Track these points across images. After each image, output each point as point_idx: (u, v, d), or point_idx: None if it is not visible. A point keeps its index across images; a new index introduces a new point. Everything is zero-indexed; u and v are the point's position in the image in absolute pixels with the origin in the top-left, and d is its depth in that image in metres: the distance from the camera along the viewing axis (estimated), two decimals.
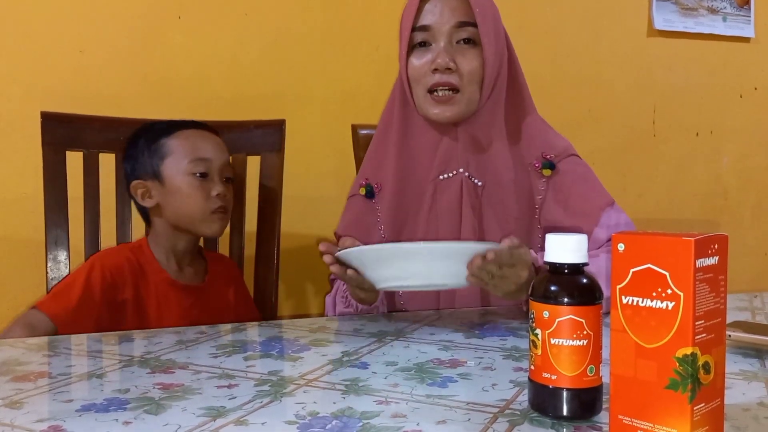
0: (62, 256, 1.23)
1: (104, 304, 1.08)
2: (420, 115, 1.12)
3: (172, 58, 1.56)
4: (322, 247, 0.92)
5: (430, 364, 0.75)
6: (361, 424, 0.57)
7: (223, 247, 1.35)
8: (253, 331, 0.94)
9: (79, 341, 0.91)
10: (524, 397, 0.62)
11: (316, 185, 1.51)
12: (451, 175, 1.11)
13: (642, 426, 0.50)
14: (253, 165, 1.37)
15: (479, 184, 1.10)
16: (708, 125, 2.02)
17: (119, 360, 0.78)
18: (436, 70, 1.05)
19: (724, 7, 1.98)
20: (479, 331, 0.90)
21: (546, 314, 0.56)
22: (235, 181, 1.26)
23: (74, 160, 1.25)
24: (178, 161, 1.16)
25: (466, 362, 0.76)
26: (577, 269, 0.58)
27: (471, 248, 0.85)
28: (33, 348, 0.85)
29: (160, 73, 1.55)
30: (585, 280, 0.57)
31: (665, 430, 0.49)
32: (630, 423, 0.51)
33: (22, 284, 1.46)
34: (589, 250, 1.00)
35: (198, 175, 1.16)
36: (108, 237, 1.25)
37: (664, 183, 2.00)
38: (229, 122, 1.39)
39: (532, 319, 0.58)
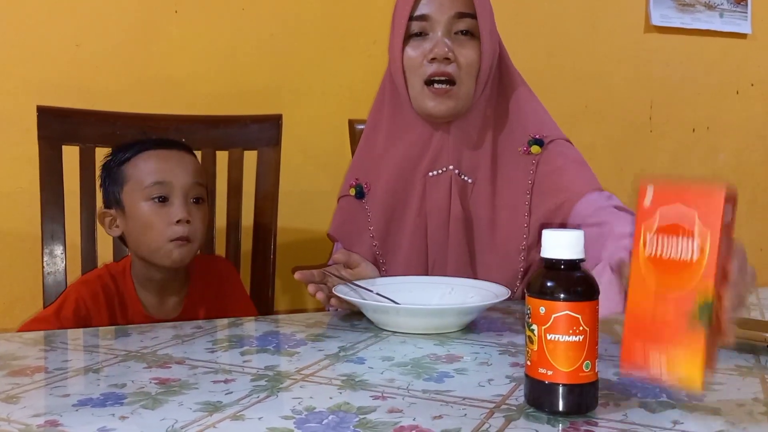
0: (58, 250, 1.23)
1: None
2: (411, 110, 1.10)
3: (168, 53, 1.56)
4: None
5: (427, 360, 0.75)
6: (357, 419, 0.57)
7: (220, 243, 1.35)
8: (250, 326, 0.94)
9: (76, 336, 0.91)
10: (520, 393, 0.63)
11: (312, 180, 1.51)
12: (440, 171, 1.10)
13: (657, 371, 0.52)
14: (250, 160, 1.36)
15: (469, 181, 1.10)
16: (705, 121, 2.02)
17: (116, 355, 0.78)
18: (434, 59, 1.03)
19: (721, 3, 1.98)
20: (475, 327, 0.90)
21: (542, 310, 0.57)
22: (207, 200, 1.15)
23: (70, 155, 1.25)
24: (136, 186, 1.08)
25: (463, 357, 0.76)
26: (573, 265, 0.58)
27: (473, 308, 0.89)
28: (29, 342, 0.85)
29: (157, 68, 1.55)
30: (581, 276, 0.57)
31: (682, 369, 0.51)
32: (643, 368, 0.53)
33: (18, 278, 1.46)
34: (569, 223, 1.00)
35: (158, 200, 1.07)
36: (104, 231, 1.24)
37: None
38: (225, 117, 1.38)
39: (528, 314, 0.58)
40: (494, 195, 1.10)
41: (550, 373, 0.56)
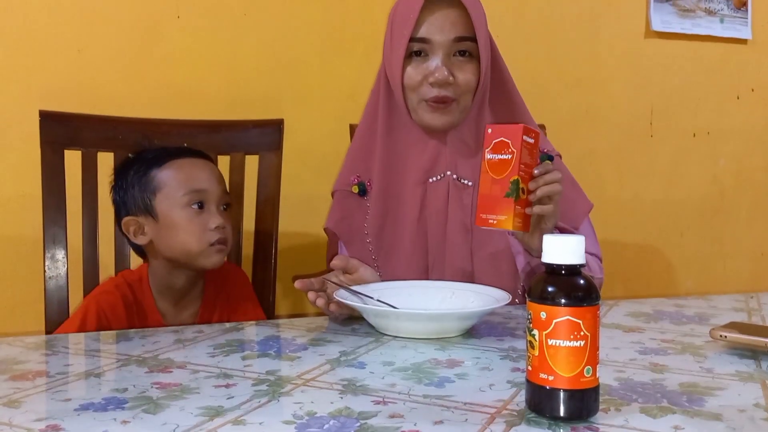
0: (60, 254, 1.23)
1: None
2: (408, 118, 1.12)
3: (170, 58, 1.56)
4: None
5: (428, 364, 0.75)
6: (358, 424, 0.57)
7: None
8: (251, 331, 0.94)
9: (77, 340, 0.91)
10: (521, 398, 0.63)
11: (314, 185, 1.51)
12: (439, 177, 1.13)
13: (491, 217, 0.92)
14: (252, 164, 1.37)
15: (469, 184, 1.12)
16: (705, 126, 2.02)
17: (117, 359, 0.78)
18: (434, 83, 1.06)
19: (722, 9, 1.98)
20: (476, 331, 0.90)
21: (543, 315, 0.57)
22: (232, 206, 1.21)
23: (72, 159, 1.25)
24: (172, 194, 1.10)
25: (464, 362, 0.76)
26: (574, 270, 0.58)
27: (474, 313, 0.89)
28: (31, 347, 0.85)
29: (159, 73, 1.55)
30: (582, 281, 0.58)
31: (501, 217, 0.91)
32: (485, 216, 0.93)
33: (19, 282, 1.46)
34: None
35: (195, 206, 1.10)
36: (106, 235, 1.25)
37: (660, 183, 2.00)
38: (227, 122, 1.39)
39: (529, 319, 0.58)
40: None
41: (551, 378, 0.56)
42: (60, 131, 1.25)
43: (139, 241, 1.13)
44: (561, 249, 0.58)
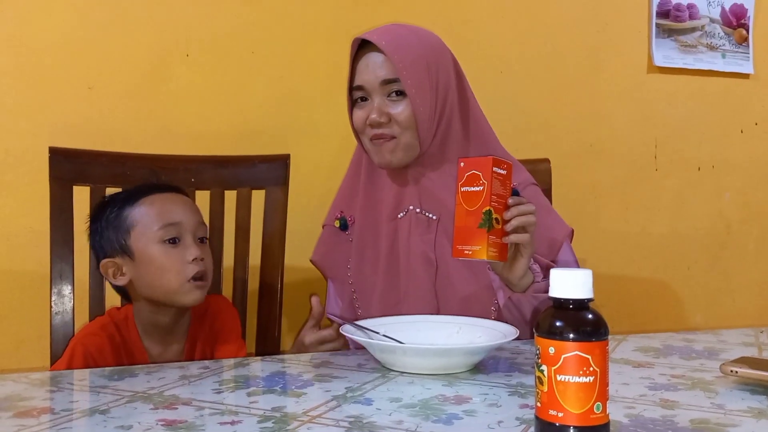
0: (66, 290, 1.23)
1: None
2: None
3: (179, 95, 1.58)
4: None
5: (435, 401, 0.74)
6: None
7: (227, 281, 1.35)
8: (257, 366, 0.94)
9: (82, 376, 0.90)
10: None
11: (319, 220, 1.51)
12: (404, 213, 1.19)
13: (466, 248, 0.95)
14: (258, 199, 1.37)
15: (433, 217, 1.17)
16: (709, 160, 2.03)
17: (122, 395, 0.78)
18: (371, 125, 1.14)
19: (723, 45, 2.00)
20: (484, 367, 0.89)
21: (552, 350, 0.56)
22: (209, 239, 1.18)
23: (80, 195, 1.26)
24: (146, 230, 1.08)
25: (471, 398, 0.75)
26: (582, 305, 0.58)
27: (481, 348, 0.89)
28: (36, 383, 0.84)
29: (167, 109, 1.57)
30: (591, 316, 0.57)
31: (476, 247, 0.95)
32: (461, 248, 0.96)
33: (25, 318, 1.46)
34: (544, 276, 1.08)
35: (169, 241, 1.08)
36: None
37: (666, 217, 2.00)
38: (234, 157, 1.40)
39: (537, 355, 0.58)
40: None
41: (560, 414, 0.56)
42: (69, 167, 1.27)
43: (118, 282, 1.11)
44: (568, 283, 0.58)
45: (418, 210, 1.18)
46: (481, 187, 0.94)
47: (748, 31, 2.02)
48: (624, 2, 1.94)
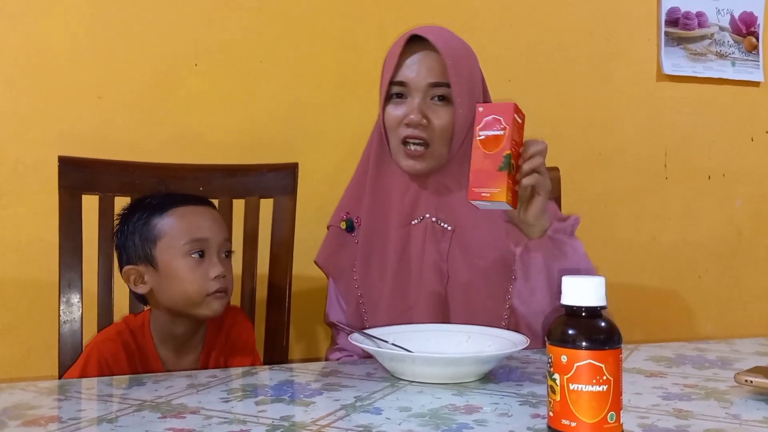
0: (75, 299, 1.23)
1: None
2: (392, 161, 1.17)
3: (187, 104, 1.59)
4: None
5: (445, 410, 0.73)
6: None
7: (235, 290, 1.34)
8: (265, 375, 0.93)
9: (90, 385, 0.90)
10: None
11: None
12: (419, 220, 1.16)
13: (483, 191, 0.95)
14: (266, 208, 1.37)
15: (448, 228, 1.15)
16: (720, 168, 2.01)
17: (130, 404, 0.77)
18: (408, 124, 1.11)
19: (733, 53, 2.00)
20: (494, 376, 0.88)
21: (564, 359, 0.56)
22: (233, 252, 1.17)
23: (89, 203, 1.26)
24: (173, 243, 1.09)
25: (482, 408, 0.74)
26: (595, 312, 0.57)
27: (491, 357, 0.88)
28: (44, 392, 0.84)
29: (176, 118, 1.58)
30: (603, 324, 0.57)
31: (495, 190, 0.94)
32: (477, 190, 0.95)
33: (34, 327, 1.46)
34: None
35: (195, 255, 1.09)
36: (121, 280, 1.24)
37: (676, 225, 1.98)
38: (242, 166, 1.40)
39: (549, 363, 0.57)
40: (476, 241, 1.14)
41: (573, 424, 0.55)
42: (78, 176, 1.27)
43: (139, 290, 1.12)
44: (581, 290, 0.57)
45: (434, 219, 1.15)
46: (502, 131, 0.94)
47: (757, 38, 2.02)
48: (633, 10, 1.93)
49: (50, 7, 1.50)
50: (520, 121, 0.97)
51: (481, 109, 0.97)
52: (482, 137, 0.96)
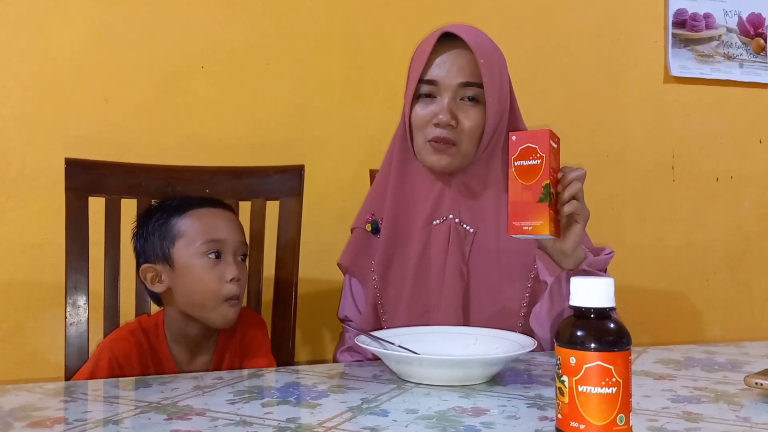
0: (81, 301, 1.23)
1: None
2: (416, 160, 1.15)
3: (194, 106, 1.59)
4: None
5: (452, 412, 0.73)
6: None
7: None
8: (271, 377, 0.93)
9: (96, 386, 0.90)
10: None
11: (334, 231, 1.51)
12: (441, 220, 1.13)
13: (525, 224, 0.91)
14: (272, 210, 1.37)
15: (471, 230, 1.12)
16: (728, 170, 2.00)
17: (136, 406, 0.77)
18: (437, 124, 1.08)
19: (741, 54, 1.99)
20: (501, 378, 0.88)
21: (573, 360, 0.55)
22: (249, 255, 1.19)
23: (96, 206, 1.26)
24: (190, 243, 1.10)
25: (489, 410, 0.74)
26: (604, 314, 0.57)
27: (498, 359, 0.87)
28: (50, 393, 0.84)
29: (183, 121, 1.58)
30: (612, 325, 0.56)
31: (537, 223, 0.91)
32: (518, 224, 0.92)
33: (41, 329, 1.46)
34: None
35: (212, 256, 1.10)
36: (127, 282, 1.25)
37: (684, 228, 1.97)
38: (248, 168, 1.40)
39: (558, 365, 0.57)
40: (497, 244, 1.12)
41: (582, 427, 0.54)
42: (85, 178, 1.27)
43: (155, 288, 1.12)
44: (590, 291, 0.57)
45: (457, 220, 1.12)
46: (539, 161, 0.90)
47: (765, 40, 2.01)
48: (640, 12, 1.93)
49: (57, 11, 1.51)
50: (555, 146, 0.93)
51: (514, 137, 0.93)
52: (519, 166, 0.92)
